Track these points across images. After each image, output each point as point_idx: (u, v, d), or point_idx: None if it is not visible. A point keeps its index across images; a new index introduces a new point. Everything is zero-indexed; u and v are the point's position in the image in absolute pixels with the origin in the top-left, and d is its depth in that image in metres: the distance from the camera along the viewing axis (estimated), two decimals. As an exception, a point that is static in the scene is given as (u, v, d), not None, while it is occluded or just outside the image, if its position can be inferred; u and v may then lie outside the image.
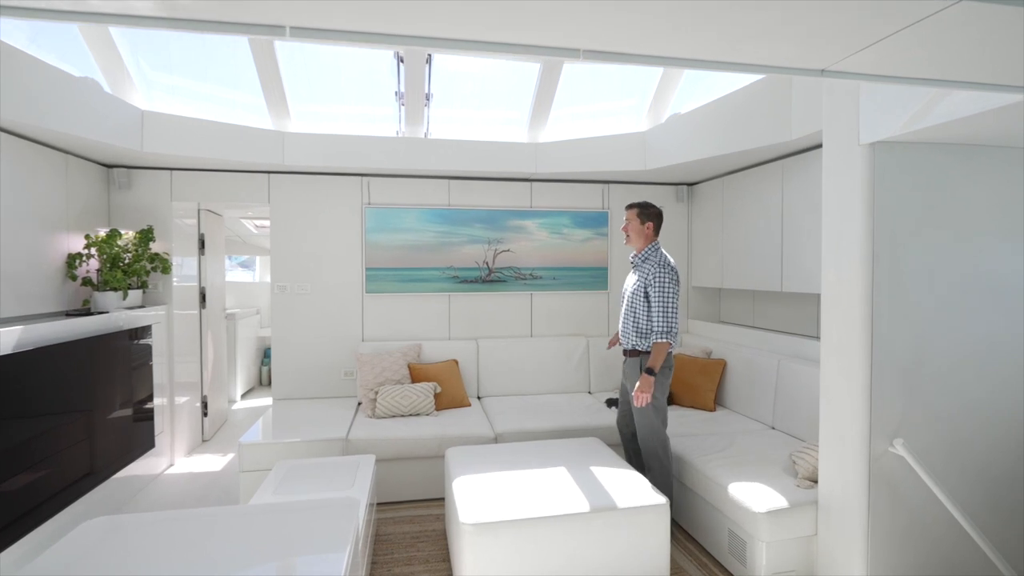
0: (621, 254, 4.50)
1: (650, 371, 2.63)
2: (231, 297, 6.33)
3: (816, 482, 2.46)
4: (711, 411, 3.76)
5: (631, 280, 2.91)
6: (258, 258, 7.44)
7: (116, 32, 3.13)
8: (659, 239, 2.90)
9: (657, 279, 2.72)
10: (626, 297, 2.91)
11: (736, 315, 4.50)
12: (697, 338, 4.43)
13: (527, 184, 4.42)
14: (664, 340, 2.66)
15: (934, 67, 1.36)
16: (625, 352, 2.91)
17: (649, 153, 4.01)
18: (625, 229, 2.89)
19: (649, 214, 2.85)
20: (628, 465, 2.73)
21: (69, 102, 2.89)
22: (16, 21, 2.76)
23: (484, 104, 4.30)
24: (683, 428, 3.38)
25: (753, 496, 2.41)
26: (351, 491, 2.54)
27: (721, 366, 3.87)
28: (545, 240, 4.44)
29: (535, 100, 3.91)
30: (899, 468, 2.11)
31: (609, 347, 3.25)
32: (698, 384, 3.85)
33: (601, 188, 4.53)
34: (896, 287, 2.09)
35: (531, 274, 4.43)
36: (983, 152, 2.13)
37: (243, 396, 5.91)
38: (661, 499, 2.37)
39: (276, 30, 1.18)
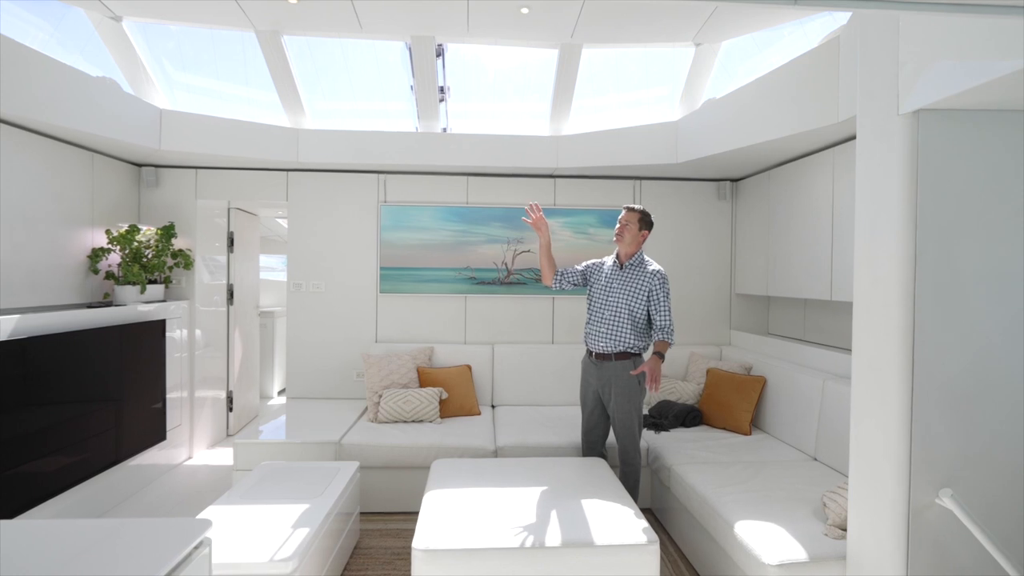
0: (652, 257, 4.11)
1: (661, 355, 2.66)
2: (275, 296, 6.49)
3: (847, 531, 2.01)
4: (746, 435, 3.30)
5: (617, 284, 2.82)
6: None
7: (133, 31, 3.22)
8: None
9: (662, 285, 2.78)
10: (613, 301, 2.80)
11: (785, 327, 3.98)
12: (738, 351, 3.95)
13: (550, 181, 4.15)
14: (672, 338, 2.74)
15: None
16: (601, 357, 2.81)
17: (680, 144, 3.62)
18: (622, 229, 2.82)
19: (648, 223, 2.85)
20: (626, 492, 2.40)
21: (86, 101, 2.97)
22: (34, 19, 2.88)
23: (504, 97, 4.09)
24: (708, 453, 2.98)
25: (765, 542, 2.01)
26: (320, 499, 2.41)
27: (760, 384, 3.40)
28: (569, 240, 4.14)
29: (555, 89, 3.65)
30: (948, 524, 1.65)
31: None
32: (732, 403, 3.40)
33: (632, 184, 4.17)
34: (945, 292, 1.64)
35: (553, 277, 4.14)
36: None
37: (280, 392, 6.02)
38: (650, 537, 2.02)
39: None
